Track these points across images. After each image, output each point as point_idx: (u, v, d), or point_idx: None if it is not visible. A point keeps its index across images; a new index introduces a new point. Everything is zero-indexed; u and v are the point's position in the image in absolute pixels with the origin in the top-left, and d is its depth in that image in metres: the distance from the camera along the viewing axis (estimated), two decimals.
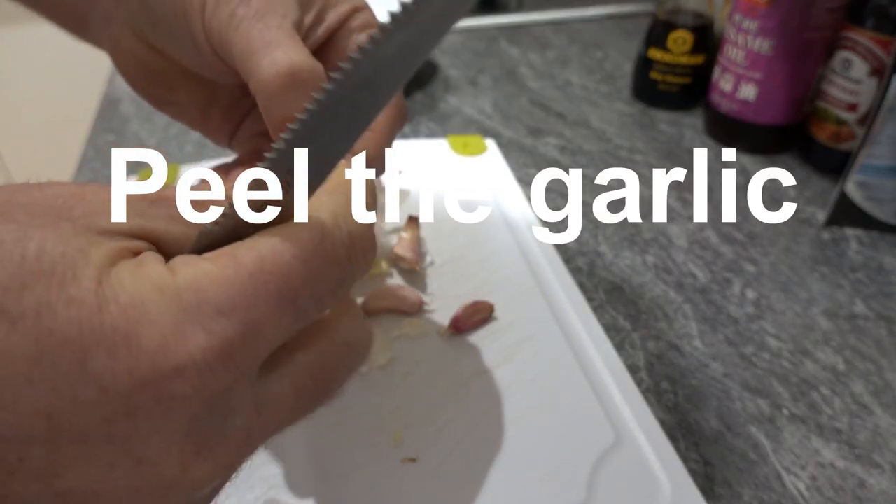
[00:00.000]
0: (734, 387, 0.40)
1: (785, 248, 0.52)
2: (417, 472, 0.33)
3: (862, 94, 0.56)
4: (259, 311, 0.16)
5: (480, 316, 0.41)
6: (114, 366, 0.15)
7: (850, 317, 0.45)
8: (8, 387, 0.14)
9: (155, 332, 0.15)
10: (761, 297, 0.47)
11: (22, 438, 0.15)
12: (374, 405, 0.36)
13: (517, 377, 0.38)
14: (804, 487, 0.35)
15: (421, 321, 0.41)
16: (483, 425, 0.35)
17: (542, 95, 0.73)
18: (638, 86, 0.72)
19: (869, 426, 0.38)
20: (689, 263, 0.50)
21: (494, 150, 0.58)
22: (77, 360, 0.15)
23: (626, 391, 0.37)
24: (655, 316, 0.45)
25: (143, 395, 0.15)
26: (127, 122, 0.65)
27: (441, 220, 0.48)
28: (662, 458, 0.34)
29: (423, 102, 0.70)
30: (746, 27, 0.59)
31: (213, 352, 0.16)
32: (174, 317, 0.16)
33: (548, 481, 0.33)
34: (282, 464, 0.33)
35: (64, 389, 0.15)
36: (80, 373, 0.15)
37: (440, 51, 0.82)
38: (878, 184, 0.52)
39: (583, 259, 0.50)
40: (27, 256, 0.15)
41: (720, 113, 0.64)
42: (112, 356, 0.15)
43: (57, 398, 0.15)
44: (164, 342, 0.15)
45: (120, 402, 0.15)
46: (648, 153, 0.63)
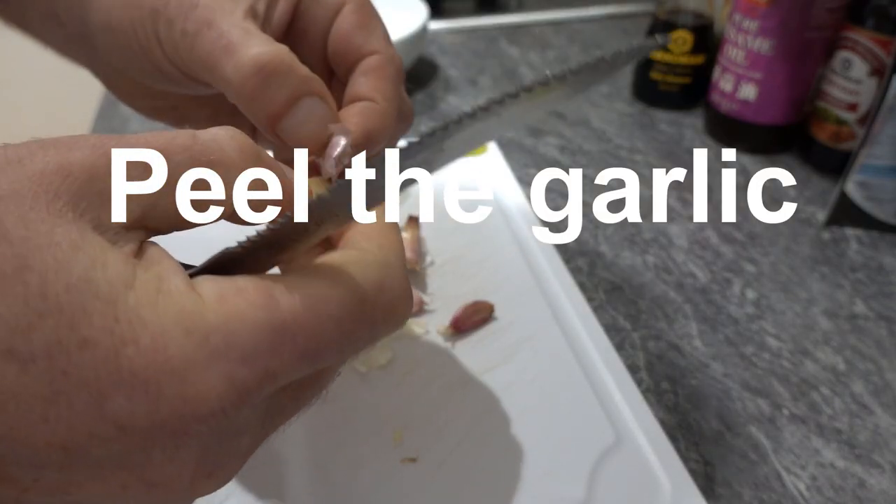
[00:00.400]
0: (734, 387, 0.40)
1: (785, 248, 0.52)
2: (417, 472, 0.33)
3: (862, 94, 0.56)
4: (282, 362, 0.16)
5: (480, 316, 0.41)
6: (133, 409, 0.15)
7: (851, 317, 0.45)
8: (22, 425, 0.14)
9: (176, 380, 0.15)
10: (761, 297, 0.47)
11: (37, 465, 0.15)
12: (374, 405, 0.36)
13: (517, 377, 0.38)
14: (804, 487, 0.35)
15: (421, 321, 0.41)
16: (483, 425, 0.35)
17: None
18: (638, 86, 0.72)
19: (869, 426, 0.38)
20: (689, 263, 0.50)
21: (494, 150, 0.58)
22: (94, 401, 0.15)
23: (626, 391, 0.37)
24: (655, 316, 0.45)
25: (160, 434, 0.16)
26: (127, 121, 0.65)
27: (441, 220, 0.48)
28: (662, 458, 0.34)
29: (424, 102, 0.70)
30: (746, 27, 0.59)
31: (230, 399, 0.16)
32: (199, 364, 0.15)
33: (548, 481, 0.33)
34: (282, 464, 0.33)
35: (80, 427, 0.15)
36: (97, 413, 0.15)
37: (440, 51, 0.82)
38: (879, 184, 0.52)
39: (583, 259, 0.50)
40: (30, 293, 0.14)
41: (720, 113, 0.64)
42: (131, 400, 0.15)
43: (73, 434, 0.15)
44: (185, 391, 0.15)
45: (137, 438, 0.15)
46: (648, 153, 0.63)
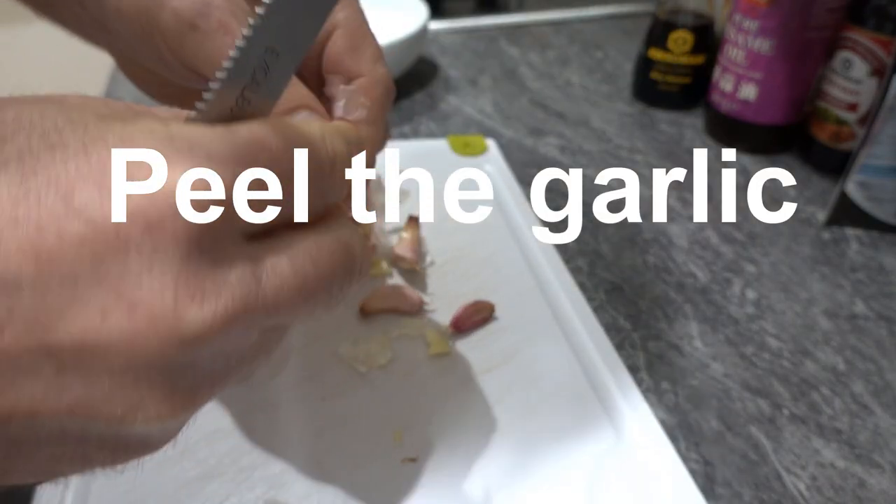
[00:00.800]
0: (734, 387, 0.40)
1: (785, 248, 0.52)
2: (417, 472, 0.33)
3: (862, 94, 0.56)
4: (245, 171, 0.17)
5: (481, 316, 0.41)
6: (101, 198, 0.15)
7: (851, 317, 0.45)
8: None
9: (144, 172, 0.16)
10: (761, 297, 0.47)
11: (9, 282, 0.14)
12: (374, 405, 0.36)
13: (517, 377, 0.38)
14: (804, 487, 0.35)
15: (421, 321, 0.41)
16: (483, 425, 0.35)
17: (542, 95, 0.73)
18: (638, 86, 0.72)
19: (869, 426, 0.38)
20: (689, 263, 0.50)
21: (494, 150, 0.58)
22: (63, 196, 0.15)
23: (626, 391, 0.37)
24: (655, 316, 0.45)
25: (132, 226, 0.15)
26: None
27: (441, 220, 0.48)
28: (662, 458, 0.34)
29: (424, 102, 0.70)
30: (747, 27, 0.59)
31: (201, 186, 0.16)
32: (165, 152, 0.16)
33: (548, 481, 0.33)
34: (282, 464, 0.33)
35: (50, 226, 0.15)
36: (65, 208, 0.15)
37: (440, 51, 0.82)
38: (879, 184, 0.52)
39: (583, 259, 0.50)
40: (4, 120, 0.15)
41: (720, 113, 0.64)
42: (99, 188, 0.15)
43: (43, 236, 0.15)
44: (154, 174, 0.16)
45: (109, 235, 0.15)
46: (648, 153, 0.63)
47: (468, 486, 0.32)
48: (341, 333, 0.40)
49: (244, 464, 0.33)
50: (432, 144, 0.58)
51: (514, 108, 0.70)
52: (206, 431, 0.34)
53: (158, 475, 0.32)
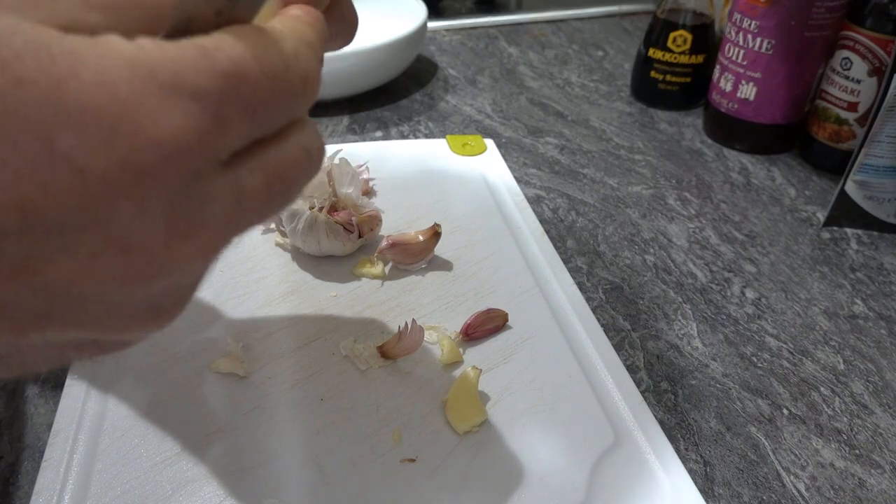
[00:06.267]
0: (734, 387, 0.40)
1: (785, 248, 0.52)
2: (417, 472, 0.33)
3: (862, 93, 0.56)
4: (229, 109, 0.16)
5: (494, 324, 0.40)
6: (87, 145, 0.14)
7: (850, 316, 0.45)
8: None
9: (130, 110, 0.15)
10: (761, 297, 0.47)
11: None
12: (374, 405, 0.36)
13: (517, 377, 0.38)
14: (804, 487, 0.35)
15: (425, 323, 0.41)
16: (482, 425, 0.35)
17: (541, 95, 0.73)
18: (638, 85, 0.72)
19: (869, 426, 0.38)
20: (688, 263, 0.50)
21: (494, 150, 0.58)
22: (42, 142, 0.14)
23: (626, 391, 0.37)
24: (655, 316, 0.45)
25: (122, 175, 0.15)
26: None
27: (440, 220, 0.48)
28: (662, 458, 0.34)
29: (423, 102, 0.70)
30: (746, 26, 0.59)
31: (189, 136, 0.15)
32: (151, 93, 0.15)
33: (548, 481, 0.33)
34: (282, 464, 0.33)
35: (32, 176, 0.14)
36: (47, 156, 0.14)
37: (440, 50, 0.82)
38: (878, 183, 0.52)
39: (583, 259, 0.50)
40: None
41: (720, 112, 0.64)
42: (83, 135, 0.14)
43: (24, 186, 0.14)
44: (141, 124, 0.15)
45: (97, 184, 0.14)
46: (648, 153, 0.63)
47: (468, 486, 0.32)
48: (341, 333, 0.40)
49: (244, 464, 0.33)
50: (431, 144, 0.58)
51: (513, 108, 0.70)
52: (205, 432, 0.34)
53: (158, 475, 0.32)
